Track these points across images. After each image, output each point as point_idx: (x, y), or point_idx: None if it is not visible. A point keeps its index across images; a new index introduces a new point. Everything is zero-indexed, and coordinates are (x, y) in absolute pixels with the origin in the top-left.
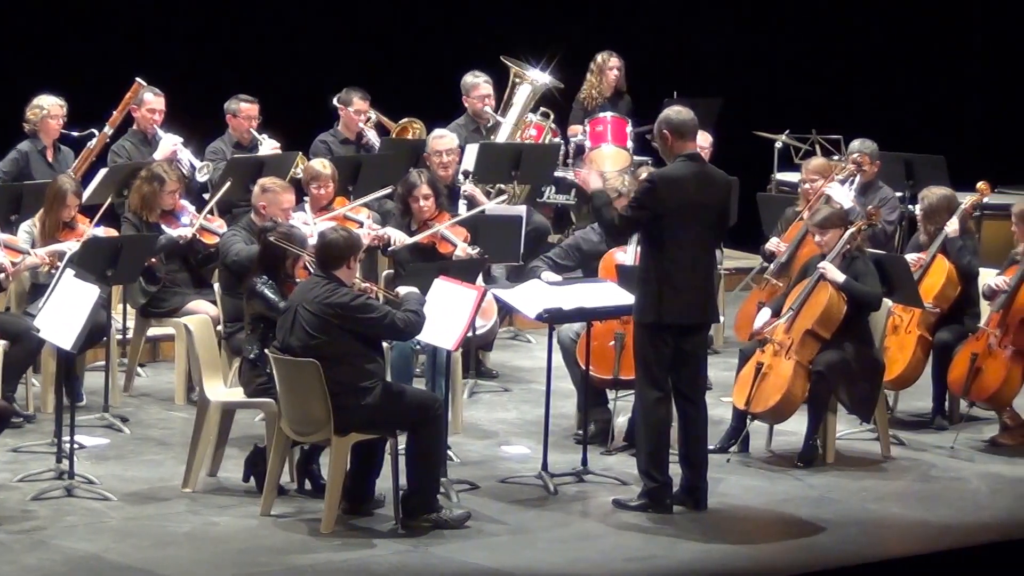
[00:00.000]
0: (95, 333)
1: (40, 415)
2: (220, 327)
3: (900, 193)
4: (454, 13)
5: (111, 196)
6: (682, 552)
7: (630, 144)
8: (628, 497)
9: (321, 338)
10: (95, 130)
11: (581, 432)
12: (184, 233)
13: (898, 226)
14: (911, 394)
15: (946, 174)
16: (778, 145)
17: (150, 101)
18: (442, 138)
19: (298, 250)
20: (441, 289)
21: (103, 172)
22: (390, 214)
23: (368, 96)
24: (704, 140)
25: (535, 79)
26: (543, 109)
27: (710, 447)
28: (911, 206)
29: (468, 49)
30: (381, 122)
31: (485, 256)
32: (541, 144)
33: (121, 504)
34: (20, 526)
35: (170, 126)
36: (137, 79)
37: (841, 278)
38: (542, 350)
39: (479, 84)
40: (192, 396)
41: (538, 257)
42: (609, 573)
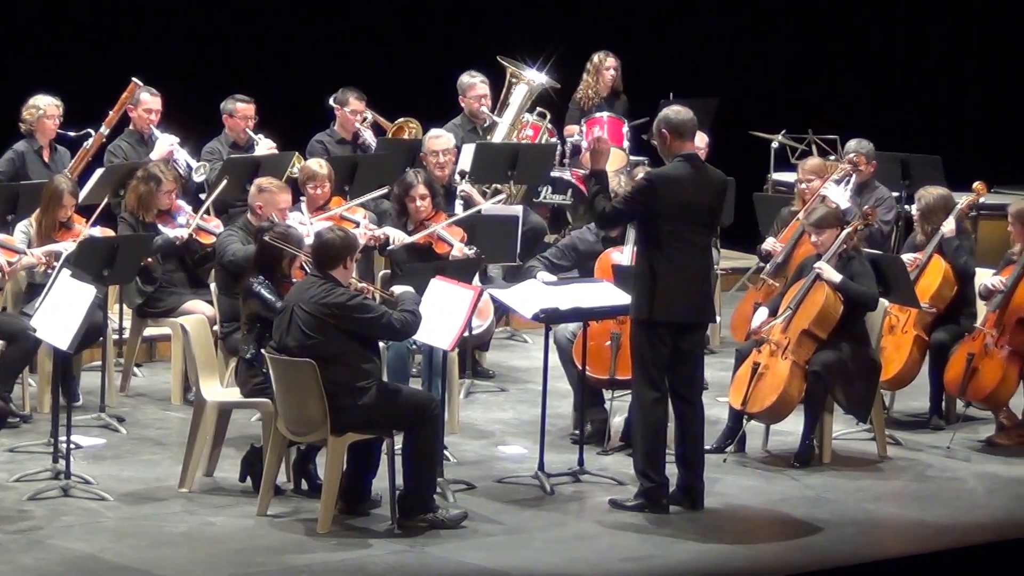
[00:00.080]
0: (91, 333)
1: (36, 415)
2: (216, 327)
3: (896, 193)
4: (450, 13)
5: (107, 196)
6: (679, 552)
7: (626, 144)
8: (625, 497)
9: (317, 338)
10: (91, 130)
11: (577, 432)
12: (180, 233)
13: (894, 226)
14: (907, 394)
15: (942, 174)
16: (774, 145)
17: (146, 101)
18: (438, 138)
19: (294, 250)
20: (437, 289)
21: (99, 172)
22: (386, 214)
23: (364, 96)
24: (700, 140)
25: (531, 79)
26: (539, 109)
27: (707, 447)
28: (907, 206)
29: (464, 49)
30: (377, 122)
31: (482, 256)
32: (537, 144)
33: (117, 504)
34: (16, 526)
35: (166, 126)
36: (133, 79)
37: (837, 278)
38: (538, 350)
39: (475, 84)
40: (188, 396)
41: (534, 257)
42: (606, 573)
